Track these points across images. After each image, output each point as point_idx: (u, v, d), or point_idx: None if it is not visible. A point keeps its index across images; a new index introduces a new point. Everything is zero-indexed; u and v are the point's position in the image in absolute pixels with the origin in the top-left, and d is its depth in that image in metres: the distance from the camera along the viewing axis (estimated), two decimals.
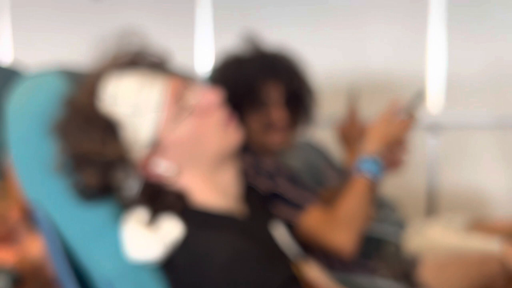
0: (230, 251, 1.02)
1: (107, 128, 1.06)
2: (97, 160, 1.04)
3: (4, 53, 3.17)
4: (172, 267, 1.05)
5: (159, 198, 1.08)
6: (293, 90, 1.68)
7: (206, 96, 1.12)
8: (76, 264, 1.11)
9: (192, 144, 1.10)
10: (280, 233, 1.23)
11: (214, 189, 1.13)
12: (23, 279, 1.36)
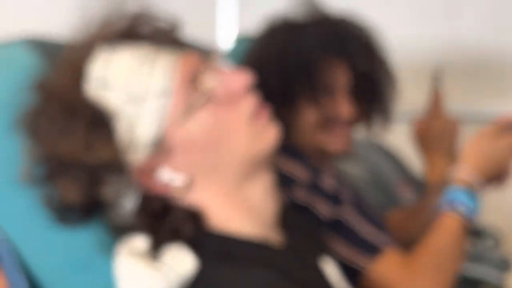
0: None
1: (93, 121, 0.97)
2: (79, 166, 0.96)
3: None
4: None
5: (163, 219, 1.00)
6: (365, 73, 1.53)
7: (230, 79, 1.02)
8: None
9: (209, 144, 1.01)
10: (332, 272, 1.14)
11: (238, 207, 1.04)
12: None
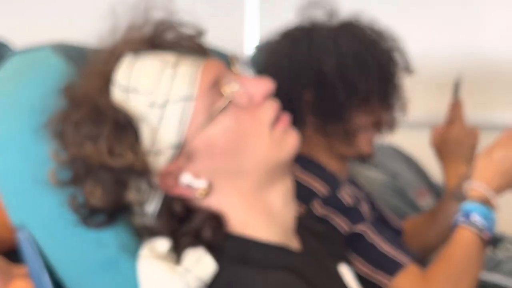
0: None
1: (118, 125, 0.97)
2: (104, 170, 0.95)
3: None
4: None
5: (184, 222, 1.00)
6: (391, 80, 1.52)
7: (252, 85, 1.03)
8: None
9: (230, 149, 1.00)
10: (350, 279, 1.14)
11: (257, 212, 1.03)
12: None
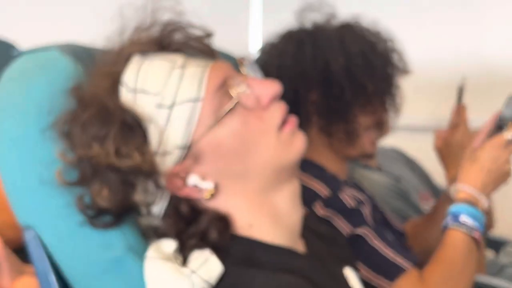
0: None
1: (126, 126, 0.95)
2: (111, 171, 0.94)
3: None
4: None
5: (191, 224, 0.98)
6: (391, 81, 1.53)
7: (259, 87, 1.01)
8: None
9: (237, 151, 0.98)
10: (355, 283, 1.12)
11: (264, 214, 1.02)
12: None
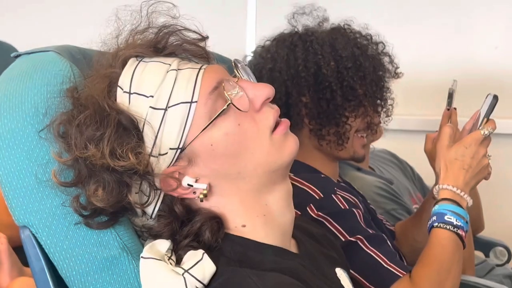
0: None
1: (121, 127, 0.96)
2: (107, 171, 0.95)
3: None
4: None
5: (185, 224, 1.00)
6: (381, 84, 1.55)
7: (252, 90, 1.02)
8: None
9: (231, 152, 0.99)
10: (347, 284, 1.13)
11: (256, 215, 1.03)
12: None
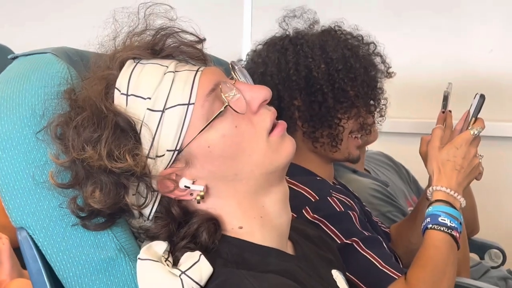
0: None
1: (119, 128, 0.97)
2: (104, 173, 0.96)
3: None
4: None
5: (182, 225, 1.01)
6: (374, 86, 1.56)
7: (250, 92, 1.03)
8: None
9: (228, 154, 1.01)
10: (342, 285, 1.15)
11: (253, 217, 1.04)
12: None
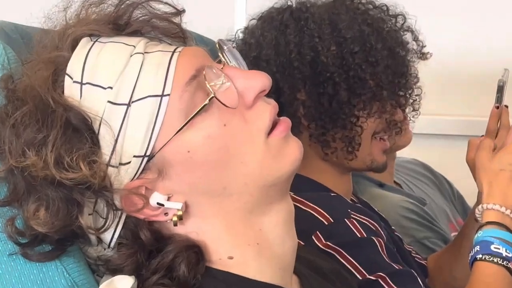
0: None
1: (70, 127, 0.83)
2: (51, 186, 0.82)
3: None
4: None
5: (153, 255, 0.86)
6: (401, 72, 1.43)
7: (243, 80, 0.88)
8: None
9: (214, 161, 0.86)
10: None
11: (247, 244, 0.90)
12: None
